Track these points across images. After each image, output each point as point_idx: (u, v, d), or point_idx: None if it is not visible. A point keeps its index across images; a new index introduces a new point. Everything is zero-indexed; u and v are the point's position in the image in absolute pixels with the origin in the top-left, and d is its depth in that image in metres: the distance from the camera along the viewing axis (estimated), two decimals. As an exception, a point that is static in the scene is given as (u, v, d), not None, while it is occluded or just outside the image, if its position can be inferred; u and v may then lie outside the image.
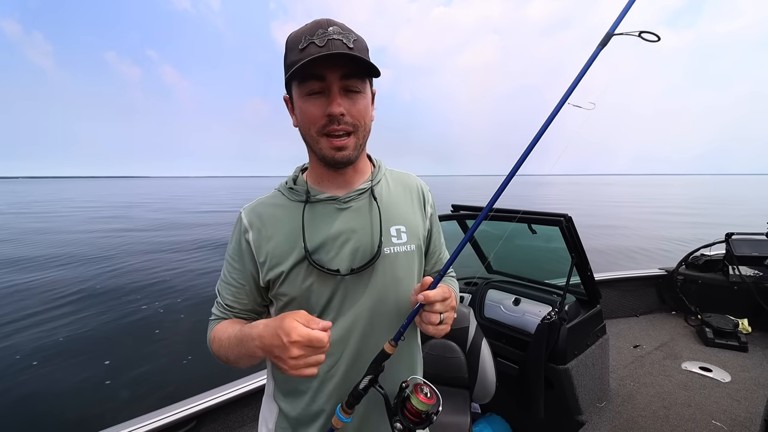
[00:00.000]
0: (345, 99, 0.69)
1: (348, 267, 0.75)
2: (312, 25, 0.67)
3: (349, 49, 0.66)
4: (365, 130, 0.74)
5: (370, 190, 0.81)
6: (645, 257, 9.02)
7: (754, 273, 2.91)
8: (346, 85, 0.69)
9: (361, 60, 0.66)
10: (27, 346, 4.47)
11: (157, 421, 1.52)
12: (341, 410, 0.70)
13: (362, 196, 0.80)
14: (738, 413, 1.92)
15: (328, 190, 0.79)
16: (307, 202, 0.78)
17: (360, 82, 0.70)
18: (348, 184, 0.81)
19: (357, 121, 0.71)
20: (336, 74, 0.67)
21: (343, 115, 0.68)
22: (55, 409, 3.38)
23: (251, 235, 0.77)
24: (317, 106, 0.69)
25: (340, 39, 0.66)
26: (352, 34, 0.68)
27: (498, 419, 2.08)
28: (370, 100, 0.75)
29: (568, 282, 1.81)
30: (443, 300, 0.69)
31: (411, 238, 0.82)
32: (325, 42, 0.65)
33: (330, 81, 0.67)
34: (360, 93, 0.71)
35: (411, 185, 0.90)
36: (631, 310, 3.26)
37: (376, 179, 0.83)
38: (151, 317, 5.38)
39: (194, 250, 10.08)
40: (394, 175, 0.89)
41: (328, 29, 0.66)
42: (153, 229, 14.25)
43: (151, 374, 3.91)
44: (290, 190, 0.80)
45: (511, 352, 1.94)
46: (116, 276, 7.58)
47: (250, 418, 1.82)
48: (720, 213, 19.69)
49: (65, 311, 5.62)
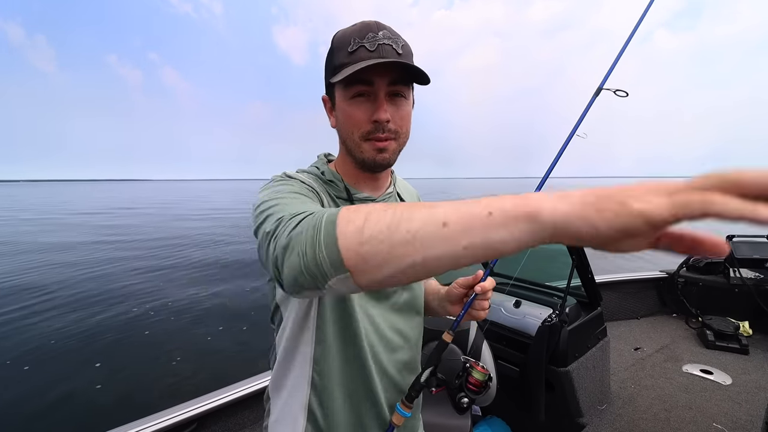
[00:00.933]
0: (390, 105, 0.68)
1: None
2: (361, 27, 0.66)
3: (398, 55, 0.66)
4: (406, 136, 0.74)
5: (396, 193, 0.84)
6: (645, 260, 9.01)
7: (755, 275, 2.91)
8: (393, 90, 0.68)
9: (412, 67, 0.65)
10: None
11: (157, 423, 1.52)
12: (402, 406, 0.72)
13: (391, 198, 0.84)
14: (739, 416, 1.92)
15: (364, 191, 0.79)
16: (350, 200, 0.76)
17: (406, 88, 0.70)
18: (379, 188, 0.82)
19: (399, 128, 0.71)
20: (384, 80, 0.66)
21: (388, 121, 0.68)
22: (46, 413, 3.38)
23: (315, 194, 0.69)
24: (363, 111, 0.68)
25: (390, 44, 0.65)
26: (400, 39, 0.68)
27: (498, 422, 2.08)
28: (412, 105, 0.75)
29: (568, 284, 1.82)
30: (492, 288, 0.79)
31: None
32: (376, 47, 0.64)
33: (378, 86, 0.66)
34: (405, 99, 0.70)
35: (412, 192, 0.95)
36: (631, 313, 3.26)
37: (397, 183, 0.87)
38: (139, 319, 5.39)
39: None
40: (400, 181, 0.94)
41: (378, 33, 0.65)
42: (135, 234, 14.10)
43: (136, 377, 3.91)
44: (329, 184, 0.75)
45: (511, 354, 1.94)
46: (102, 279, 7.58)
47: (251, 421, 1.82)
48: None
49: (49, 315, 5.60)
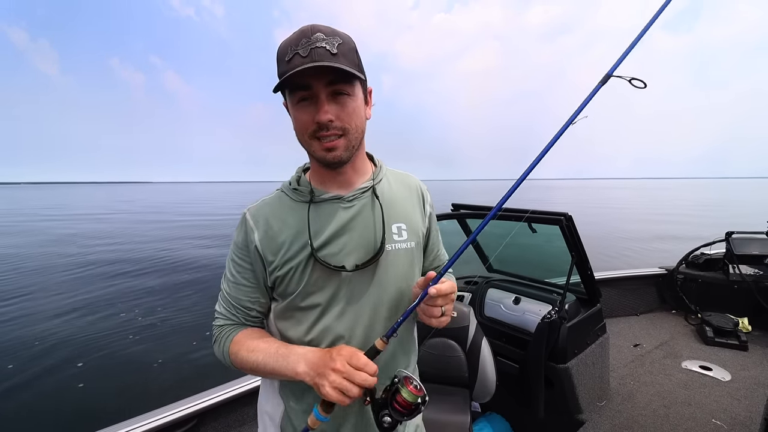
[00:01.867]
0: (333, 104, 0.70)
1: (352, 264, 0.78)
2: (297, 35, 0.68)
3: (333, 55, 0.67)
4: (357, 131, 0.75)
5: (372, 188, 0.83)
6: (645, 256, 9.02)
7: (755, 272, 2.91)
8: (334, 89, 0.70)
9: (337, 68, 0.66)
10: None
11: (156, 420, 1.52)
12: (320, 409, 0.69)
13: (365, 195, 0.82)
14: (738, 412, 1.92)
15: (331, 190, 0.81)
16: (311, 201, 0.79)
17: (347, 85, 0.70)
18: (349, 184, 0.82)
19: (346, 125, 0.72)
20: (321, 82, 0.68)
21: (331, 121, 0.70)
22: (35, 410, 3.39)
23: (257, 235, 0.78)
24: (307, 113, 0.71)
25: (324, 46, 0.66)
26: (336, 38, 0.68)
27: (498, 418, 2.08)
28: (361, 100, 0.75)
29: (568, 281, 1.81)
30: (451, 293, 0.72)
31: (411, 236, 0.85)
32: (308, 52, 0.66)
33: (316, 89, 0.69)
34: (348, 96, 0.71)
35: (411, 185, 0.92)
36: (631, 309, 3.26)
37: (378, 178, 0.85)
38: (128, 323, 5.37)
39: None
40: (395, 175, 0.92)
41: (311, 37, 0.67)
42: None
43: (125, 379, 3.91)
44: (294, 191, 0.82)
45: (511, 351, 1.94)
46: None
47: (250, 417, 1.83)
48: (719, 215, 19.68)
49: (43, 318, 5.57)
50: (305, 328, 0.79)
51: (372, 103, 0.81)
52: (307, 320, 0.79)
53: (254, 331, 0.82)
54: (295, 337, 0.80)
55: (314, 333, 0.78)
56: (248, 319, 0.83)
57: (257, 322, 0.85)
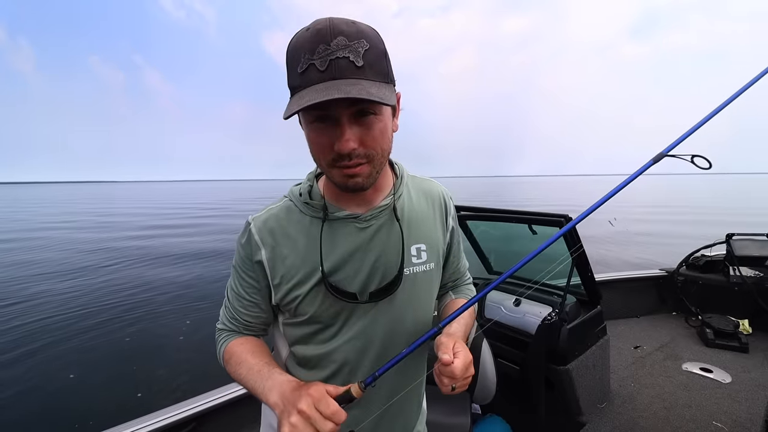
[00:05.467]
0: (356, 127, 0.59)
1: (366, 290, 0.72)
2: (312, 36, 0.55)
3: (358, 68, 0.55)
4: (383, 155, 0.64)
5: (392, 207, 0.74)
6: (646, 258, 9.01)
7: (755, 274, 2.90)
8: (358, 110, 0.57)
9: (364, 99, 0.54)
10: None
11: (155, 423, 1.51)
12: None
13: (383, 214, 0.73)
14: (739, 414, 1.91)
15: (347, 207, 0.72)
16: (325, 219, 0.71)
17: (374, 104, 0.58)
18: (368, 202, 0.73)
19: (372, 150, 0.61)
20: (343, 103, 0.55)
21: (354, 149, 0.59)
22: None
23: (264, 253, 0.71)
24: (326, 137, 0.60)
25: (347, 56, 0.54)
26: (361, 42, 0.55)
27: (499, 420, 2.07)
28: (389, 116, 0.64)
29: (568, 283, 1.81)
30: (464, 376, 0.63)
31: (431, 257, 0.79)
32: (327, 64, 0.54)
33: (337, 112, 0.57)
34: (375, 116, 0.59)
35: (434, 195, 0.83)
36: (631, 311, 3.25)
37: (398, 193, 0.76)
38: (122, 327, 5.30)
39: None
40: (416, 183, 0.82)
41: (331, 43, 0.54)
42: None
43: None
44: (306, 205, 0.73)
45: (511, 352, 1.94)
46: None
47: (249, 420, 1.82)
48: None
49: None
50: (311, 347, 0.76)
51: (400, 108, 0.68)
52: (314, 340, 0.75)
53: (249, 340, 0.78)
54: (300, 350, 0.77)
55: (320, 351, 0.75)
56: (247, 330, 0.80)
57: (257, 332, 0.82)
